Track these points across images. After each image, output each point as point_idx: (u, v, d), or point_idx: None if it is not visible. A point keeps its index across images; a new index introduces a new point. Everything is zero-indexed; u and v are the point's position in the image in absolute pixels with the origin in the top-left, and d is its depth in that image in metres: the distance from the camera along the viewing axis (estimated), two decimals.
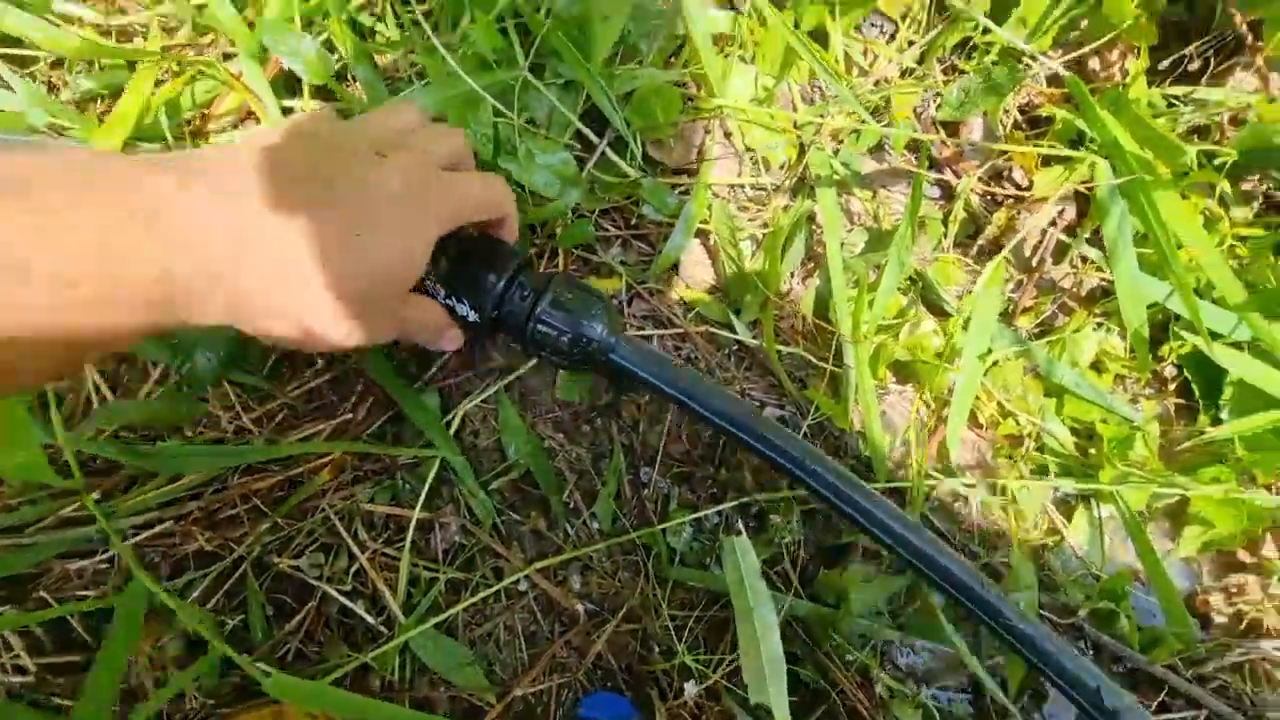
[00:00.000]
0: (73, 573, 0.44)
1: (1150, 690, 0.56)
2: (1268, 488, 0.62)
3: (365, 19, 0.61)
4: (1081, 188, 0.66)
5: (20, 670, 0.42)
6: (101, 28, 0.58)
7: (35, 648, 0.45)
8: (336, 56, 0.59)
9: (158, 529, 0.46)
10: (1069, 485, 0.59)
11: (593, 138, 0.62)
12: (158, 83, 0.54)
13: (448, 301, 0.43)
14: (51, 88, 0.59)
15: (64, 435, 0.42)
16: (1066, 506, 0.63)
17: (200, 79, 0.56)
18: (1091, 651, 0.57)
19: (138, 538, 0.46)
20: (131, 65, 0.54)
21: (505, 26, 0.59)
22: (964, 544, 0.60)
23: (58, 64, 0.57)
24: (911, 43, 0.74)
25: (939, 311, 0.68)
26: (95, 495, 0.47)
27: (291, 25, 0.55)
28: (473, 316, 0.43)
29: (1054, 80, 0.74)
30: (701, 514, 0.56)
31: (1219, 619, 0.59)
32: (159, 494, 0.46)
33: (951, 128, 0.75)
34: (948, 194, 0.73)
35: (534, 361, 0.58)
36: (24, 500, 0.45)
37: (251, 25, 0.55)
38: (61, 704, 0.43)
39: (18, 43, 0.54)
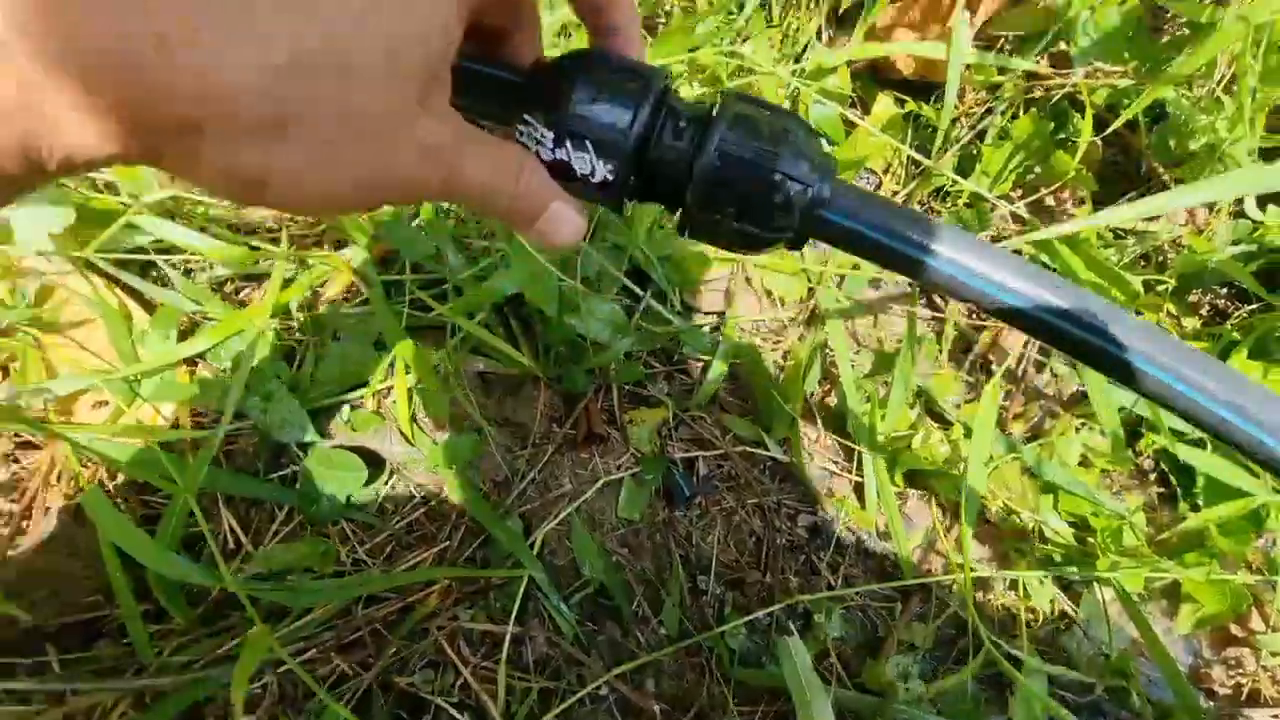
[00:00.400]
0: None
1: None
2: (1248, 566, 0.70)
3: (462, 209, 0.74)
4: None
5: None
6: (233, 224, 0.71)
7: None
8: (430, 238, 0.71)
9: (304, 657, 0.53)
10: (1072, 573, 0.67)
11: (638, 291, 0.73)
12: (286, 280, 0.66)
13: (558, 154, 0.26)
14: (188, 271, 0.71)
15: (232, 580, 0.50)
16: (1073, 591, 0.70)
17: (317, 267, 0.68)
18: None
19: (282, 668, 0.53)
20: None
21: None
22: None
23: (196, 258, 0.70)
24: (895, 192, 0.88)
25: (941, 420, 0.78)
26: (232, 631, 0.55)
27: (397, 219, 0.67)
28: (604, 172, 0.26)
29: (1018, 217, 0.87)
30: (754, 616, 0.64)
31: (1222, 690, 0.66)
32: (295, 628, 0.54)
33: None
34: (939, 316, 0.85)
35: (600, 484, 0.68)
36: (190, 638, 0.52)
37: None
38: None
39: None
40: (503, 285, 0.65)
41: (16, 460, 0.64)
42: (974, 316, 0.85)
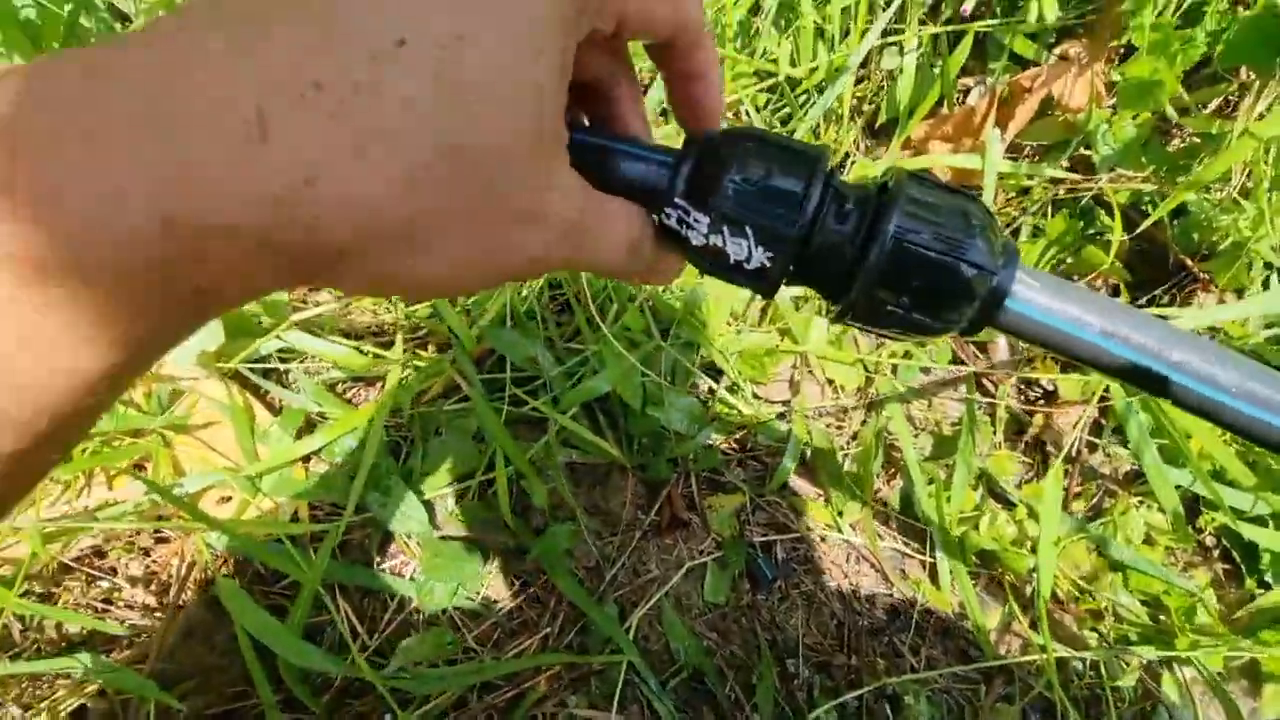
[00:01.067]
0: None
1: None
2: None
3: (535, 306, 0.82)
4: (1104, 396, 0.83)
5: None
6: (344, 329, 0.78)
7: None
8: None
9: None
10: (1150, 653, 0.69)
11: (712, 384, 0.79)
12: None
13: (712, 240, 0.23)
14: (310, 372, 0.77)
15: (367, 668, 0.54)
16: (1152, 671, 0.72)
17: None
18: None
19: None
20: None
21: (643, 307, 0.79)
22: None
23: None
24: None
25: (1003, 500, 0.82)
26: None
27: (503, 327, 0.74)
28: (761, 258, 0.23)
29: None
30: (843, 699, 0.65)
31: None
32: (421, 714, 0.57)
33: (981, 345, 0.94)
34: (989, 397, 0.90)
35: (685, 569, 0.71)
36: None
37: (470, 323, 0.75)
38: None
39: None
40: (598, 385, 0.71)
41: (147, 553, 0.69)
42: (1024, 400, 0.90)
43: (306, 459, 0.72)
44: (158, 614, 0.64)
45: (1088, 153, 0.91)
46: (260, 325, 0.70)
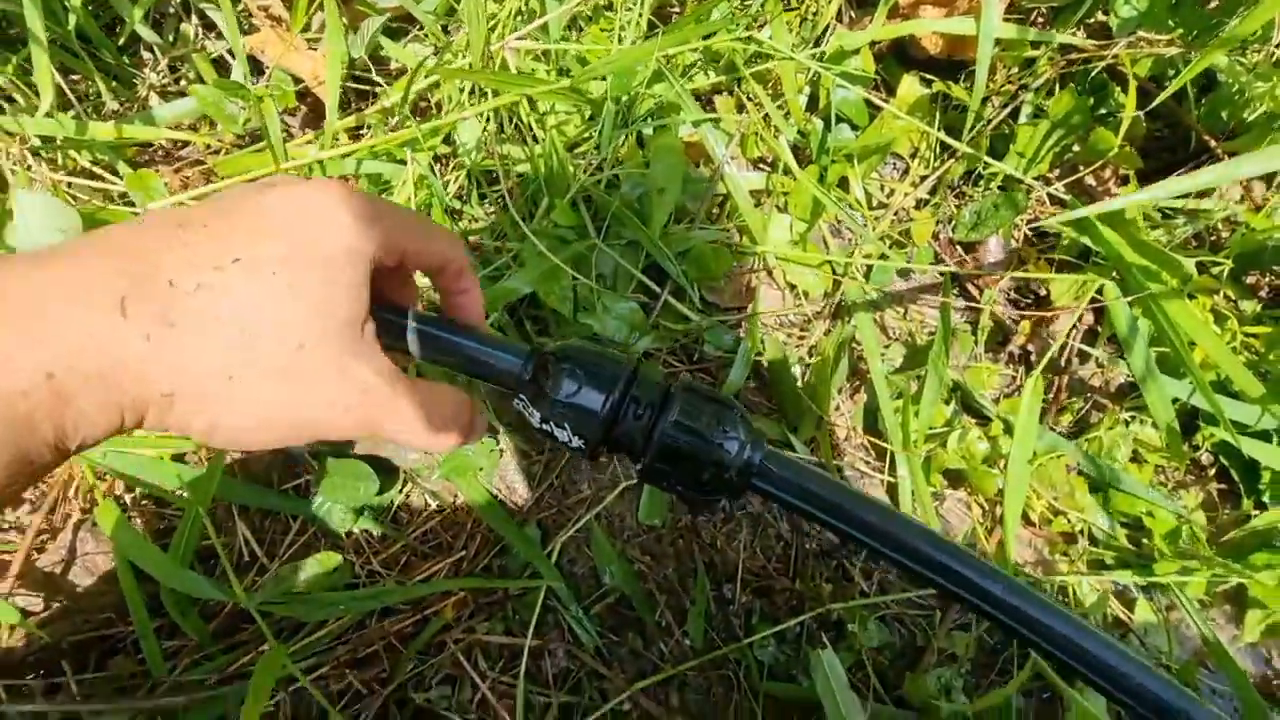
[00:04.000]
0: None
1: None
2: None
3: (456, 203, 0.73)
4: (1096, 299, 0.73)
5: None
6: None
7: None
8: None
9: (317, 673, 0.52)
10: (1128, 578, 0.63)
11: (655, 289, 0.71)
12: None
13: (544, 427, 0.33)
14: None
15: (246, 597, 0.49)
16: (1127, 596, 0.66)
17: None
18: None
19: (294, 686, 0.52)
20: None
21: (576, 202, 0.70)
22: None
23: None
24: (923, 177, 0.84)
25: (979, 416, 0.74)
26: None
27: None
28: (578, 442, 0.32)
29: (1055, 199, 0.83)
30: (783, 626, 0.61)
31: None
32: (309, 643, 0.53)
33: (969, 246, 0.84)
34: (973, 306, 0.80)
35: (620, 489, 0.65)
36: (204, 654, 0.51)
37: None
38: None
39: None
40: (516, 285, 0.63)
41: None
42: (1013, 305, 0.81)
43: None
44: (45, 536, 0.60)
45: (1105, 19, 0.77)
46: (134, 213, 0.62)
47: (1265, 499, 0.66)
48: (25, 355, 0.21)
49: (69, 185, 0.67)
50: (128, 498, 0.61)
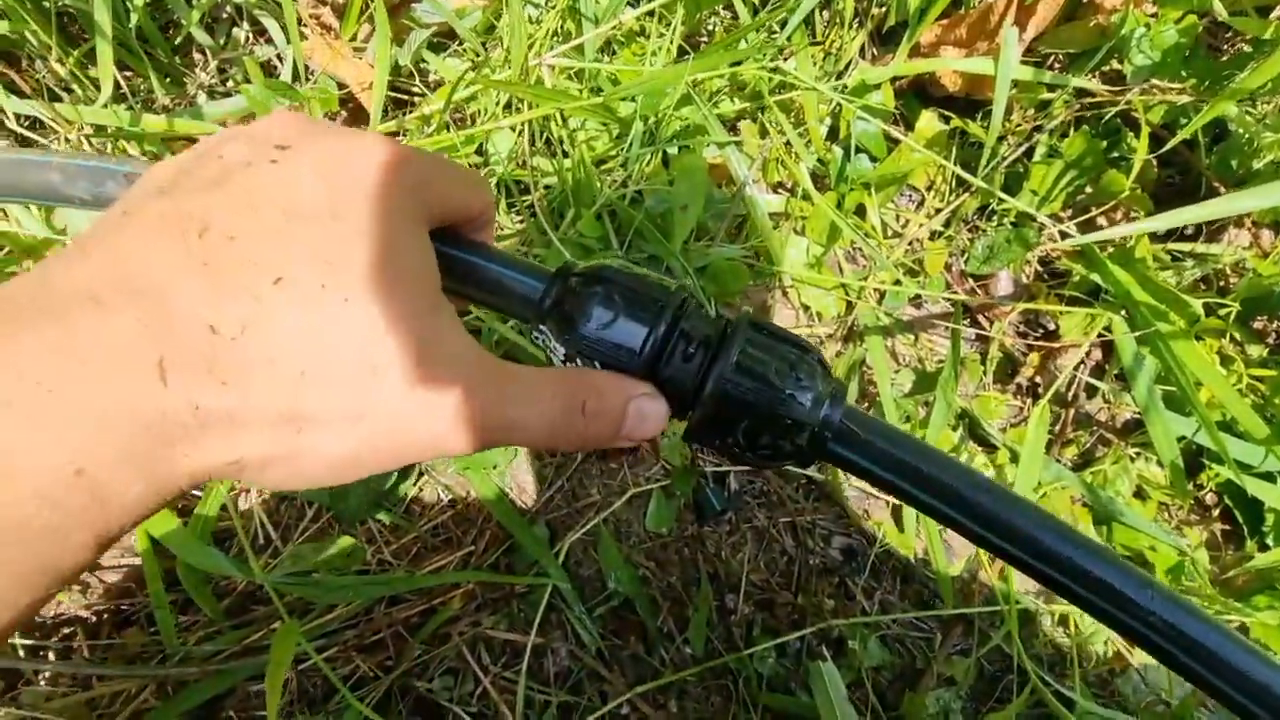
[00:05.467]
0: (252, 694, 0.51)
1: None
2: None
3: (503, 217, 0.75)
4: (1104, 334, 0.75)
5: None
6: None
7: None
8: None
9: (325, 655, 0.53)
10: None
11: None
12: None
13: (569, 365, 0.26)
14: None
15: (262, 573, 0.50)
16: None
17: None
18: None
19: (301, 665, 0.53)
20: None
21: (601, 215, 0.72)
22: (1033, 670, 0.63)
23: None
24: (938, 209, 0.86)
25: (985, 444, 0.75)
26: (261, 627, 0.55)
27: None
28: None
29: (1068, 236, 0.85)
30: (784, 639, 0.61)
31: None
32: (318, 624, 0.54)
33: (980, 279, 0.86)
34: (983, 336, 0.82)
35: (628, 495, 0.66)
36: (215, 630, 0.53)
37: None
38: None
39: None
40: None
41: None
42: (1022, 337, 0.82)
43: None
44: None
45: (1119, 67, 0.80)
46: None
47: (1269, 540, 0.66)
48: (44, 454, 0.17)
49: None
50: None
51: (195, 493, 0.61)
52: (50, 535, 0.17)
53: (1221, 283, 0.80)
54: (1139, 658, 0.64)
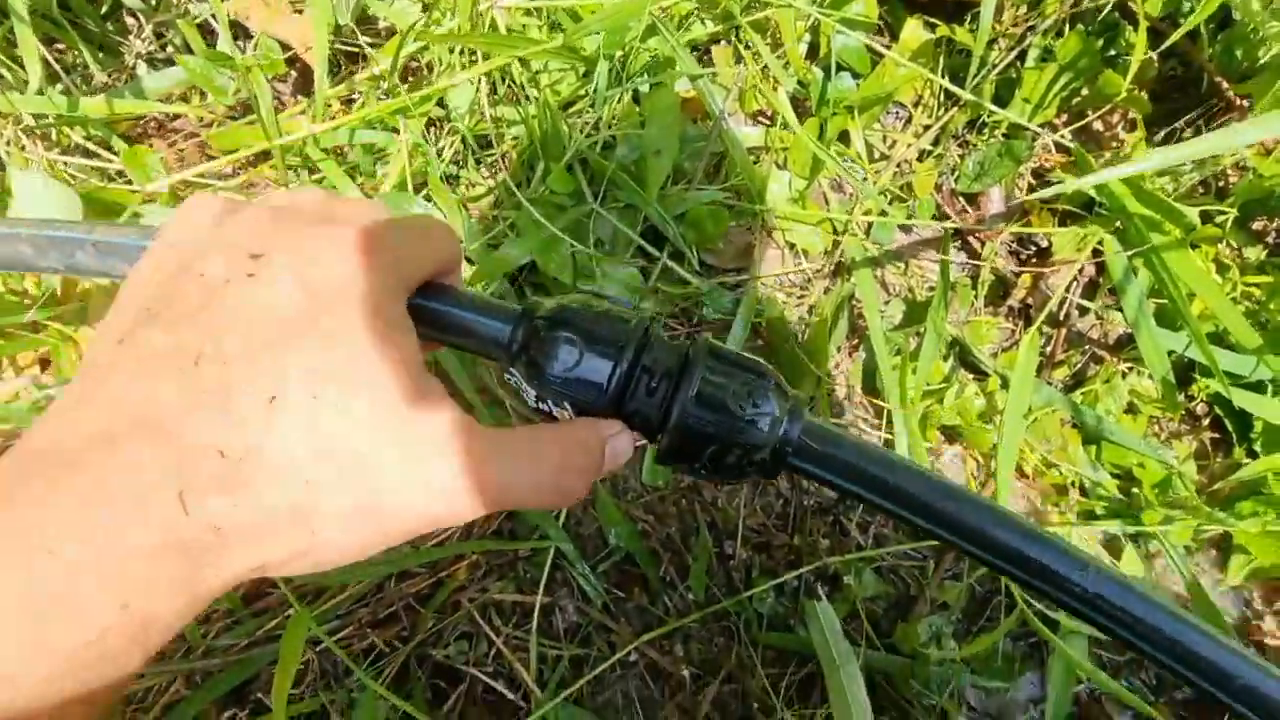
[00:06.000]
0: None
1: (1214, 716, 0.61)
2: None
3: (453, 168, 0.72)
4: (1097, 251, 0.73)
5: None
6: None
7: None
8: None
9: (341, 635, 0.55)
10: (1116, 528, 0.65)
11: (654, 252, 0.71)
12: None
13: (541, 406, 0.28)
14: None
15: None
16: (1115, 545, 0.68)
17: None
18: (1155, 681, 0.62)
19: (321, 646, 0.55)
20: None
21: (572, 165, 0.69)
22: None
23: None
24: (926, 127, 0.82)
25: (976, 371, 0.75)
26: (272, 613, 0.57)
27: (405, 193, 0.66)
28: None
29: (1062, 146, 0.81)
30: (781, 580, 0.63)
31: (1273, 643, 0.64)
32: (331, 606, 0.56)
33: (971, 197, 0.83)
34: (974, 258, 0.80)
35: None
36: (234, 620, 0.55)
37: (369, 193, 0.67)
38: None
39: None
40: (515, 254, 0.63)
41: None
42: (1014, 256, 0.80)
43: None
44: None
45: None
46: (133, 195, 0.62)
47: (1257, 448, 0.67)
48: (92, 596, 0.19)
49: (65, 164, 0.67)
50: None
51: None
52: (102, 664, 0.19)
53: (1221, 183, 0.78)
54: (1125, 568, 0.67)
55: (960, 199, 0.83)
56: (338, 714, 0.53)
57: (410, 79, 0.73)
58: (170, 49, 0.75)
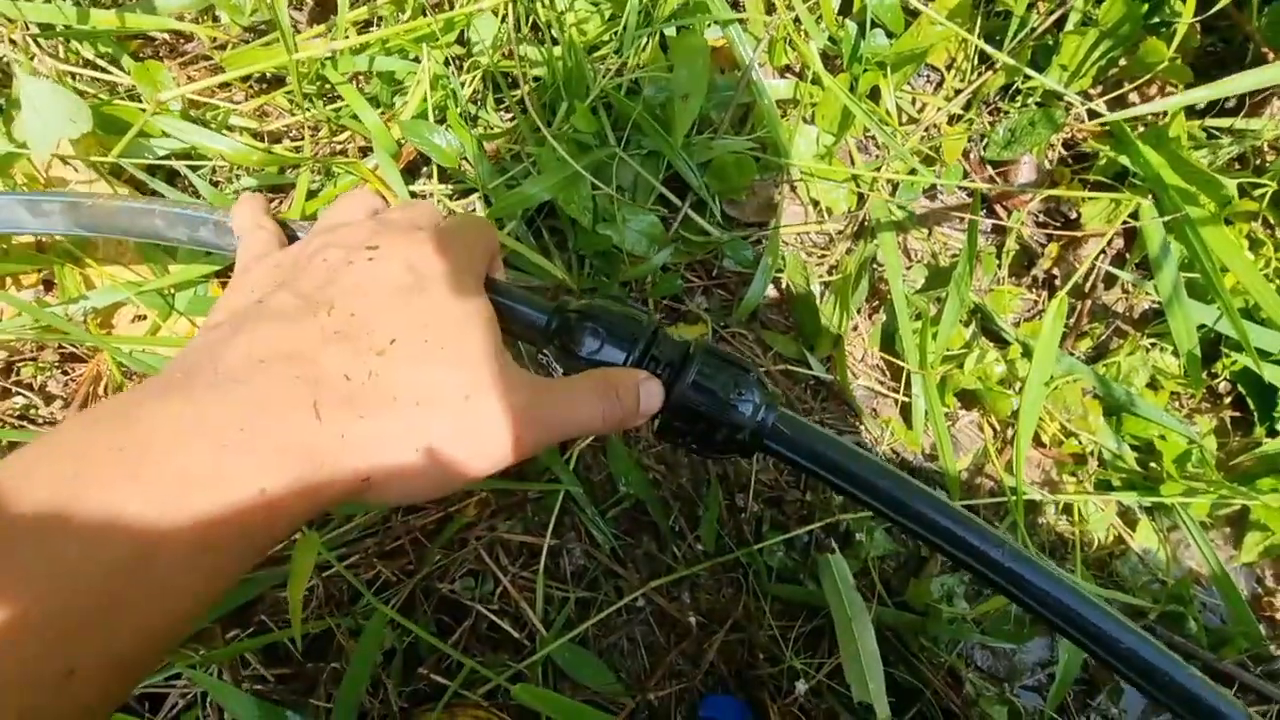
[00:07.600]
0: (281, 599, 0.53)
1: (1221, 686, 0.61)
2: None
3: (472, 108, 0.70)
4: (1129, 222, 0.71)
5: (260, 680, 0.51)
6: (256, 132, 0.68)
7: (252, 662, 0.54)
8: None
9: (348, 562, 0.54)
10: (1133, 500, 0.64)
11: (675, 201, 0.69)
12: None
13: None
14: (214, 183, 0.69)
15: None
16: (1130, 517, 0.67)
17: (341, 174, 0.65)
18: None
19: (326, 572, 0.54)
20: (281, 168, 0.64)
21: (596, 108, 0.67)
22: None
23: (221, 164, 0.68)
24: (958, 90, 0.80)
25: (997, 339, 0.74)
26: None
27: (426, 121, 0.64)
28: None
29: (1096, 115, 0.79)
30: (793, 534, 0.63)
31: None
32: (338, 534, 0.55)
33: (1000, 165, 0.81)
34: (1000, 228, 0.79)
35: None
36: None
37: (387, 123, 0.65)
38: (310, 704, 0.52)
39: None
40: (535, 192, 0.62)
41: (65, 372, 0.66)
42: (1041, 227, 0.79)
43: (221, 275, 0.66)
44: None
45: None
46: (140, 109, 0.60)
47: (1278, 425, 0.66)
48: (245, 478, 0.23)
49: (74, 78, 0.65)
50: None
51: None
52: (237, 543, 0.23)
53: (1259, 160, 0.76)
54: (1139, 541, 0.66)
55: (988, 166, 0.81)
56: (344, 637, 0.52)
57: (434, 10, 0.71)
58: None
